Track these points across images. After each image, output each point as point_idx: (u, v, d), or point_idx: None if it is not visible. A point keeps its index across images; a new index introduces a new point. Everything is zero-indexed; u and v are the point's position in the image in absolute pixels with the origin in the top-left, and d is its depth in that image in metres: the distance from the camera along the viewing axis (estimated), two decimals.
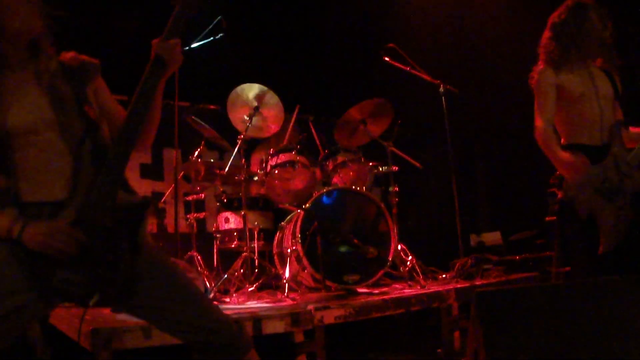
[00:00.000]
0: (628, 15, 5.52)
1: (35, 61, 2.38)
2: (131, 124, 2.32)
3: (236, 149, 5.76)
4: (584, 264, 3.55)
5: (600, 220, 3.47)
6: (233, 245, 5.91)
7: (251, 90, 5.79)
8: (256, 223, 5.79)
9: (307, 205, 5.11)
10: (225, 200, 6.00)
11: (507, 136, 8.10)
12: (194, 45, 5.45)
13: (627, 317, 2.59)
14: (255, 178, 5.77)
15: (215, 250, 5.94)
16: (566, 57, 3.69)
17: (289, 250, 5.11)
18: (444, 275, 5.79)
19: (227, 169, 5.92)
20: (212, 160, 6.31)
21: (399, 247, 5.53)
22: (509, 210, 8.21)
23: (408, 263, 5.47)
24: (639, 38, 5.99)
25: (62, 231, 2.16)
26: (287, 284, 4.84)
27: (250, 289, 5.00)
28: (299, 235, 4.99)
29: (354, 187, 5.47)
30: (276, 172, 5.55)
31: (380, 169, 6.11)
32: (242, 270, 5.38)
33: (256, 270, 5.47)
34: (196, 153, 5.94)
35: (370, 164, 6.04)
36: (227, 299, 4.79)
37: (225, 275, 5.16)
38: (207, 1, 2.54)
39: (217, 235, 5.93)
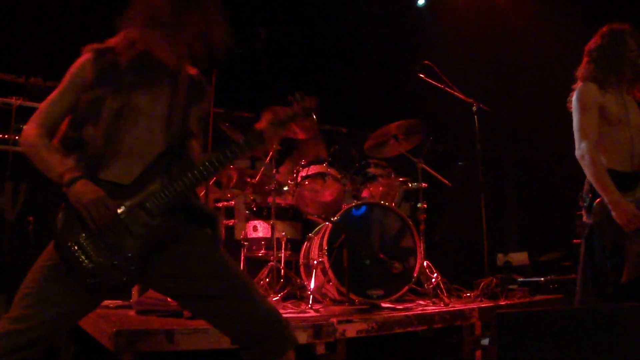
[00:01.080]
0: None
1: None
2: (209, 166, 2.71)
3: (268, 159, 5.83)
4: (609, 289, 3.54)
5: (627, 248, 3.46)
6: (260, 254, 5.96)
7: None
8: (284, 233, 5.84)
9: (336, 218, 5.15)
10: (254, 209, 6.06)
11: (537, 157, 8.08)
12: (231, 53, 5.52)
13: None
14: (286, 188, 5.81)
15: (242, 258, 5.97)
16: (606, 79, 3.69)
17: (315, 262, 5.14)
18: (468, 294, 5.75)
19: (258, 177, 5.99)
20: (244, 168, 6.37)
21: (425, 263, 5.52)
22: (538, 231, 8.16)
23: (433, 280, 5.47)
24: None
25: (106, 205, 2.29)
26: (311, 295, 4.89)
27: (274, 299, 5.04)
28: (326, 248, 5.01)
29: (382, 202, 5.49)
30: (306, 183, 5.60)
31: (410, 184, 6.13)
32: (267, 279, 5.44)
33: (282, 280, 5.51)
34: None
35: (400, 179, 6.06)
36: None
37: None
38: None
39: (245, 243, 5.97)
